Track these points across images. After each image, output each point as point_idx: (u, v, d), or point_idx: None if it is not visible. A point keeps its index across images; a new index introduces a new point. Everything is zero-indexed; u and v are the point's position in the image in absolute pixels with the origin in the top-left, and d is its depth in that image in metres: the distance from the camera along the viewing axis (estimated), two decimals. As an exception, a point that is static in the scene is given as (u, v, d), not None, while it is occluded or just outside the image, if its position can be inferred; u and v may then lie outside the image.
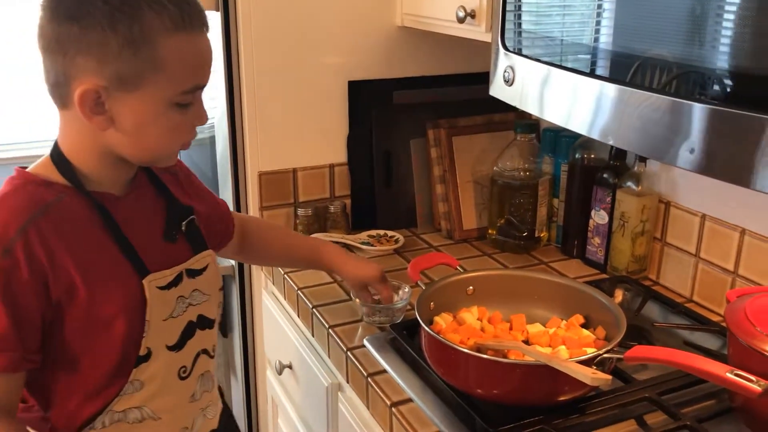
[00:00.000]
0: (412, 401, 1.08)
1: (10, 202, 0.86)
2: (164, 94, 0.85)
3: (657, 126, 0.87)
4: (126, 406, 0.94)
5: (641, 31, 0.92)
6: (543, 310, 1.21)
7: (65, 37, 0.82)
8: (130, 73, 0.82)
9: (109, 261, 0.90)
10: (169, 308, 0.95)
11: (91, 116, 0.85)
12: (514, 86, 1.14)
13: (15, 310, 0.83)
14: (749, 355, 0.92)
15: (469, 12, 1.33)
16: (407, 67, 1.73)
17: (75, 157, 0.90)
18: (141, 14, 0.80)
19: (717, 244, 1.33)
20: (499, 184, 1.62)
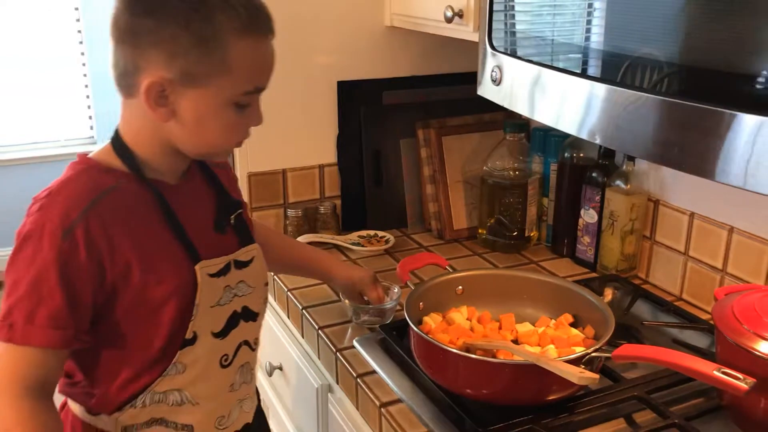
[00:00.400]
0: (402, 402, 1.08)
1: (73, 186, 0.89)
2: (226, 93, 0.88)
3: (643, 125, 0.87)
4: (167, 387, 0.96)
5: (627, 30, 0.92)
6: (532, 309, 1.22)
7: (140, 29, 0.86)
8: (197, 70, 0.86)
9: (164, 245, 0.93)
10: (217, 296, 0.97)
11: (155, 107, 0.88)
12: (501, 86, 1.14)
13: (70, 291, 0.86)
14: (736, 352, 0.92)
15: (456, 12, 1.32)
16: (397, 67, 1.73)
17: (135, 145, 0.94)
18: (214, 15, 0.84)
19: (705, 242, 1.34)
20: (489, 184, 1.62)
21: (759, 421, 0.93)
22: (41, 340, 0.86)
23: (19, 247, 0.87)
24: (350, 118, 1.70)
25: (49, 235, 0.85)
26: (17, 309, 0.86)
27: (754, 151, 0.74)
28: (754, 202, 1.23)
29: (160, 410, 0.97)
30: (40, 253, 0.85)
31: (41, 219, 0.86)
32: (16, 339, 0.85)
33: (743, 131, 0.75)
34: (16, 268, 0.87)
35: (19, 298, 0.86)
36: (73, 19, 3.87)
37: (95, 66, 3.94)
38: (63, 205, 0.87)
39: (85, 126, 4.06)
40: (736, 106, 0.75)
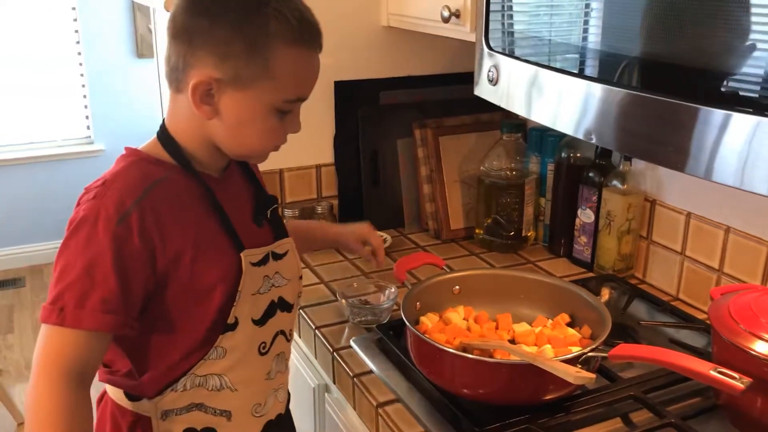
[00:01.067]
0: (399, 401, 1.08)
1: (126, 176, 0.93)
2: (269, 99, 0.91)
3: (638, 124, 0.88)
4: (208, 371, 0.98)
5: (623, 30, 0.92)
6: (529, 309, 1.22)
7: (195, 28, 0.89)
8: (245, 74, 0.89)
9: (212, 234, 0.96)
10: (258, 284, 1.00)
11: (200, 105, 0.91)
12: (498, 86, 1.14)
13: (124, 276, 0.88)
14: (733, 352, 0.92)
15: (453, 12, 1.33)
16: (394, 67, 1.73)
17: (181, 138, 0.97)
18: (268, 23, 0.88)
19: (702, 241, 1.34)
20: (486, 184, 1.62)
21: (755, 420, 0.93)
22: (93, 324, 0.87)
23: (72, 233, 0.89)
24: (347, 118, 1.70)
25: (105, 221, 0.88)
26: (69, 292, 0.87)
27: (750, 151, 0.74)
28: (751, 202, 1.23)
29: (200, 395, 0.99)
30: (95, 238, 0.88)
31: (96, 206, 0.89)
32: (68, 322, 0.87)
33: (739, 131, 0.75)
34: (68, 253, 0.89)
35: (71, 282, 0.87)
36: (70, 18, 3.87)
37: (92, 66, 3.94)
38: (118, 193, 0.90)
39: (82, 126, 4.06)
40: (732, 106, 0.75)
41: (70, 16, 3.87)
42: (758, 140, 0.73)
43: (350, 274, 1.51)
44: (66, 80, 3.96)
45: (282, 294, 1.05)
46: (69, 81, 3.96)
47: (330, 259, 1.58)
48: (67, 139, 4.04)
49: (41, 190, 3.98)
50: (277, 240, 1.05)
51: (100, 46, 3.94)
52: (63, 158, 4.00)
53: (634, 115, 0.88)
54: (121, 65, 3.98)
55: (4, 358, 3.14)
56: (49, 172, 3.98)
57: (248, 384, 1.02)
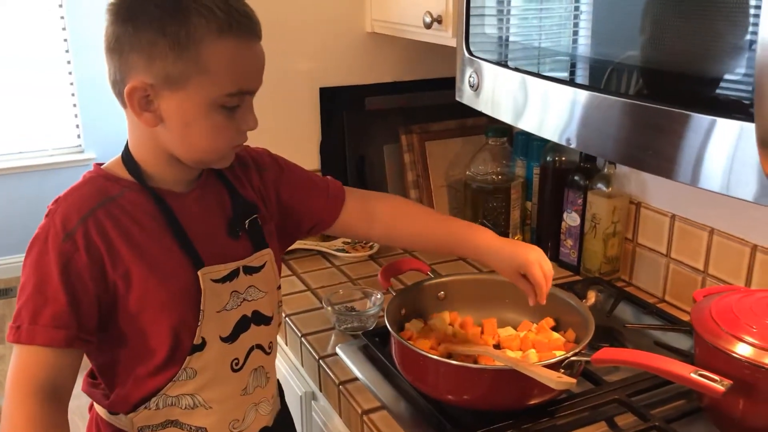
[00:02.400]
0: (384, 409, 1.08)
1: (79, 193, 0.94)
2: (208, 95, 0.89)
3: (620, 130, 0.88)
4: (179, 392, 0.97)
5: (606, 36, 0.93)
6: (514, 313, 1.22)
7: (121, 36, 0.88)
8: (176, 73, 0.87)
9: (165, 252, 0.95)
10: (223, 301, 0.98)
11: (140, 112, 0.90)
12: (479, 91, 1.14)
13: (73, 291, 0.89)
14: (714, 354, 0.92)
15: (435, 17, 1.33)
16: (379, 73, 1.73)
17: (138, 155, 0.97)
18: (189, 19, 0.86)
19: (687, 244, 1.34)
20: (473, 188, 1.62)
21: (737, 422, 0.94)
22: (44, 339, 0.88)
23: (28, 252, 0.91)
24: (333, 125, 1.70)
25: (53, 239, 0.89)
26: (24, 310, 0.89)
27: (735, 157, 0.74)
28: (734, 205, 1.22)
29: (173, 413, 0.98)
30: (45, 256, 0.89)
31: (47, 224, 0.91)
32: (23, 339, 0.89)
33: (724, 137, 0.74)
34: (24, 271, 0.91)
35: (26, 300, 0.90)
36: (59, 27, 3.86)
37: (82, 74, 3.93)
38: (66, 211, 0.91)
39: (73, 135, 4.04)
40: (716, 112, 0.75)
41: (58, 25, 3.86)
42: (742, 146, 0.72)
43: (337, 280, 1.51)
44: (55, 88, 3.94)
45: (257, 307, 1.02)
46: (58, 89, 3.95)
47: (317, 265, 1.58)
48: (57, 149, 4.03)
49: (32, 200, 3.96)
50: (256, 251, 1.03)
51: (90, 52, 3.91)
52: (53, 167, 3.98)
53: (616, 121, 0.88)
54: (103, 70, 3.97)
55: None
56: (39, 181, 3.96)
57: (223, 401, 1.01)
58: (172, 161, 0.96)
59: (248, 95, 0.93)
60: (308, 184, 1.17)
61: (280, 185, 1.13)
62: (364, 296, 1.34)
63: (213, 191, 1.03)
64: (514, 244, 1.09)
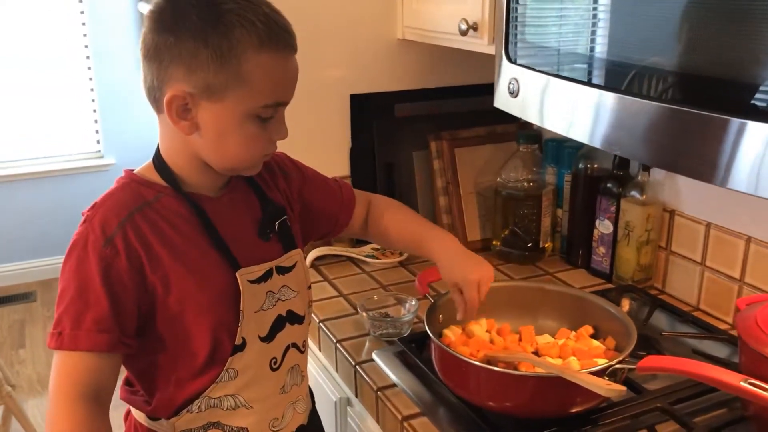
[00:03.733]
0: (424, 415, 1.08)
1: (115, 199, 0.95)
2: (246, 106, 0.91)
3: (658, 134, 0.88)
4: (221, 393, 0.99)
5: (640, 40, 0.93)
6: (551, 320, 1.21)
7: (162, 46, 0.90)
8: (216, 84, 0.89)
9: (202, 255, 0.97)
10: (260, 301, 1.00)
11: (178, 120, 0.92)
12: (518, 98, 1.14)
13: (114, 295, 0.91)
14: (762, 362, 0.92)
15: (471, 24, 1.33)
16: (408, 80, 1.73)
17: (170, 160, 0.98)
18: (231, 30, 0.87)
19: (723, 252, 1.34)
20: (503, 195, 1.62)
21: (785, 432, 0.93)
22: (88, 344, 0.90)
23: (67, 258, 0.93)
24: (363, 131, 1.71)
25: (93, 244, 0.91)
26: (66, 316, 0.91)
27: (764, 159, 0.75)
28: (772, 212, 1.23)
29: (216, 414, 1.00)
30: (85, 261, 0.91)
31: (85, 229, 0.92)
32: (65, 345, 0.90)
33: (753, 139, 0.76)
34: (63, 277, 0.92)
35: (67, 306, 0.91)
36: (80, 33, 3.89)
37: (102, 79, 3.96)
38: (104, 216, 0.93)
39: (92, 140, 4.08)
40: (747, 115, 0.76)
41: (80, 31, 3.89)
42: None
43: (368, 286, 1.51)
44: (76, 94, 3.98)
45: (291, 307, 1.05)
46: (79, 94, 3.98)
47: (347, 271, 1.58)
48: (77, 154, 4.06)
49: (51, 205, 3.99)
50: (286, 252, 1.05)
51: (110, 58, 3.95)
52: (73, 173, 4.02)
53: (660, 126, 0.88)
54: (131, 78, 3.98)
55: (16, 373, 3.15)
56: (59, 186, 4.00)
57: (263, 400, 1.02)
58: (203, 167, 0.98)
59: (282, 107, 0.95)
60: (327, 189, 1.22)
61: (303, 189, 1.16)
62: (397, 302, 1.34)
63: (242, 195, 1.05)
64: (465, 259, 1.14)
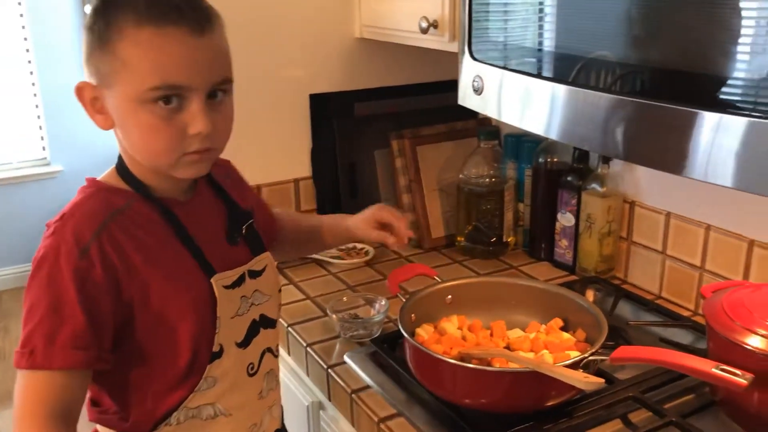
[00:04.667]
0: (400, 416, 1.07)
1: (85, 208, 0.91)
2: (131, 91, 0.85)
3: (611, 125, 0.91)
4: (200, 402, 0.96)
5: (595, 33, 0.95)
6: (521, 315, 1.22)
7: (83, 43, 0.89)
8: (105, 70, 0.86)
9: (178, 261, 0.93)
10: (235, 306, 0.98)
11: (93, 114, 0.90)
12: (483, 95, 1.15)
13: (91, 309, 0.86)
14: (730, 348, 0.94)
15: (431, 22, 1.33)
16: (368, 79, 1.73)
17: (131, 165, 0.94)
18: (110, 12, 0.85)
19: (683, 240, 1.37)
20: (466, 192, 1.63)
21: (753, 414, 0.95)
22: (64, 362, 0.85)
23: (34, 273, 0.87)
24: (323, 131, 1.69)
25: (66, 256, 0.86)
26: (37, 333, 0.85)
27: (714, 147, 0.78)
28: (729, 200, 1.26)
29: (195, 425, 0.96)
30: (58, 275, 0.85)
31: (56, 242, 0.87)
32: (38, 364, 0.85)
33: (704, 128, 0.79)
34: (32, 293, 0.87)
35: (39, 322, 0.85)
36: (20, 33, 3.76)
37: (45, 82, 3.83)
38: (76, 227, 0.88)
39: (37, 146, 3.95)
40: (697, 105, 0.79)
41: (19, 31, 3.75)
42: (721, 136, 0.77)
43: (335, 288, 1.50)
44: (18, 97, 3.84)
45: (264, 311, 1.03)
46: (21, 98, 3.85)
47: (313, 273, 1.57)
48: (21, 161, 3.93)
49: (-2, 215, 3.86)
50: (254, 256, 1.03)
51: (54, 59, 3.83)
52: (18, 181, 3.89)
53: (611, 116, 0.91)
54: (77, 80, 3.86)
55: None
56: (5, 195, 3.86)
57: (242, 407, 1.01)
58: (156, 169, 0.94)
59: (188, 93, 0.85)
60: (263, 203, 1.23)
61: (252, 198, 1.15)
62: (366, 303, 1.33)
63: (208, 198, 1.03)
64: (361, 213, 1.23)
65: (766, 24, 0.73)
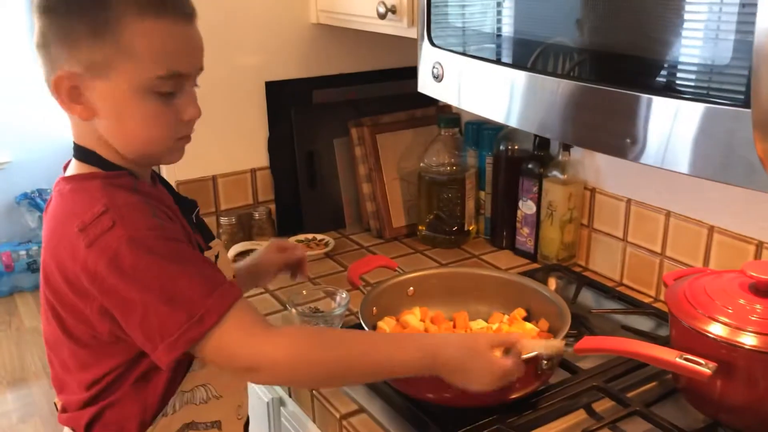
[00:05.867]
0: (362, 412, 1.05)
1: (110, 191, 0.85)
2: (137, 80, 0.83)
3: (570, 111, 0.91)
4: (193, 384, 0.94)
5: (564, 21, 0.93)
6: (484, 305, 1.21)
7: (45, 29, 0.84)
8: (100, 59, 0.82)
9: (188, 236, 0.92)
10: None
11: (70, 105, 0.85)
12: (443, 82, 1.12)
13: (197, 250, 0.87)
14: (692, 336, 0.93)
15: (389, 7, 1.30)
16: (325, 66, 1.69)
17: (105, 155, 0.89)
18: (108, 1, 0.81)
19: (643, 227, 1.37)
20: (426, 180, 1.60)
21: (715, 401, 0.95)
22: (234, 294, 0.83)
23: (132, 262, 0.80)
24: (280, 120, 1.65)
25: (150, 227, 0.82)
26: (193, 296, 0.80)
27: (671, 133, 0.77)
28: (689, 187, 1.26)
29: (190, 412, 0.95)
30: (159, 243, 0.82)
31: (131, 223, 0.82)
32: (216, 312, 0.80)
33: (660, 115, 0.78)
34: (145, 277, 0.80)
35: (184, 289, 0.80)
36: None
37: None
38: (134, 205, 0.84)
39: (-16, 137, 3.81)
40: (654, 91, 0.79)
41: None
42: (678, 123, 0.77)
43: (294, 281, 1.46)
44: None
45: None
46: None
47: (272, 266, 1.53)
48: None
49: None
50: (207, 242, 1.01)
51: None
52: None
53: (568, 102, 0.90)
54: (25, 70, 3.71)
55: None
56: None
57: (230, 387, 1.00)
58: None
59: (185, 80, 0.87)
60: None
61: None
62: (327, 296, 1.30)
63: (161, 189, 1.00)
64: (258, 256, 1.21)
65: (719, 11, 0.71)
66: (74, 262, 0.82)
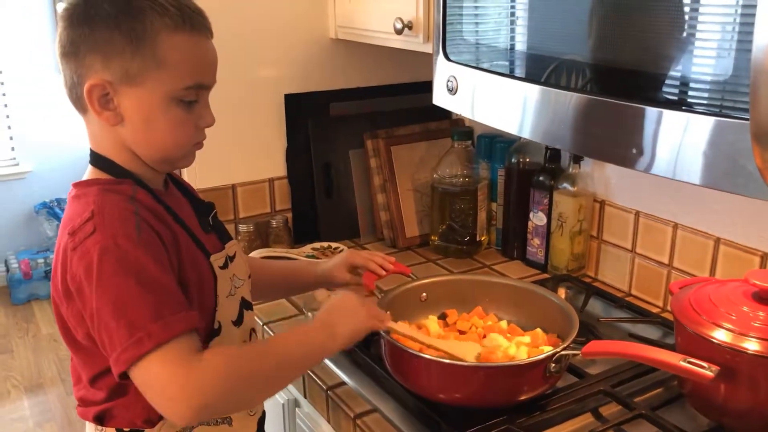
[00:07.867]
0: (376, 411, 1.08)
1: (110, 199, 0.90)
2: (167, 89, 0.90)
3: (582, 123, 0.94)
4: None
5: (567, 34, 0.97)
6: (495, 311, 1.24)
7: (77, 39, 0.89)
8: (134, 69, 0.88)
9: (185, 242, 0.95)
10: (228, 286, 1.01)
11: (101, 111, 0.90)
12: (457, 95, 1.16)
13: (170, 272, 0.88)
14: (697, 342, 0.96)
15: (406, 23, 1.35)
16: (343, 79, 1.74)
17: (121, 160, 0.95)
18: (143, 14, 0.88)
19: (652, 238, 1.40)
20: (440, 191, 1.64)
21: (719, 406, 0.98)
22: (183, 325, 0.84)
23: (99, 271, 0.83)
24: (298, 131, 1.70)
25: (125, 238, 0.85)
26: (139, 317, 0.82)
27: (682, 145, 0.80)
28: (696, 199, 1.29)
29: None
30: (127, 256, 0.84)
31: (108, 231, 0.86)
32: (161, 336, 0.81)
33: (670, 127, 0.82)
34: (105, 288, 0.83)
35: (135, 308, 0.83)
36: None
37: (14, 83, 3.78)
38: (119, 213, 0.88)
39: (5, 147, 3.89)
40: (664, 105, 0.82)
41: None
42: (689, 135, 0.80)
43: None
44: (-14, 101, 3.79)
45: (243, 294, 1.06)
46: (-11, 101, 3.80)
47: (288, 272, 1.57)
48: (-9, 162, 3.88)
49: (-32, 217, 3.80)
50: (224, 243, 1.05)
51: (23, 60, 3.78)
52: (-11, 181, 3.83)
53: (581, 115, 0.93)
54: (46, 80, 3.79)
55: None
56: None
57: None
58: (140, 161, 0.95)
59: (204, 91, 0.95)
60: None
61: None
62: (342, 301, 1.34)
63: (175, 191, 1.05)
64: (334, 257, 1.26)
65: (731, 29, 0.75)
66: (64, 265, 0.88)
